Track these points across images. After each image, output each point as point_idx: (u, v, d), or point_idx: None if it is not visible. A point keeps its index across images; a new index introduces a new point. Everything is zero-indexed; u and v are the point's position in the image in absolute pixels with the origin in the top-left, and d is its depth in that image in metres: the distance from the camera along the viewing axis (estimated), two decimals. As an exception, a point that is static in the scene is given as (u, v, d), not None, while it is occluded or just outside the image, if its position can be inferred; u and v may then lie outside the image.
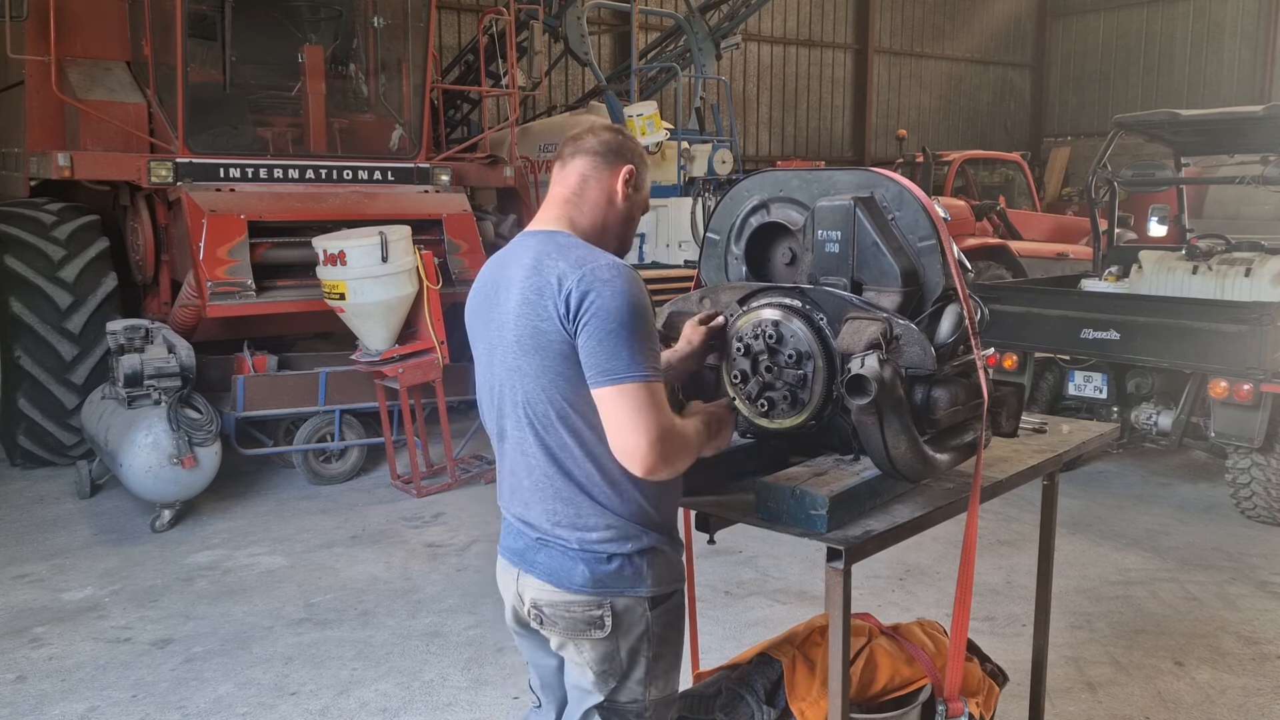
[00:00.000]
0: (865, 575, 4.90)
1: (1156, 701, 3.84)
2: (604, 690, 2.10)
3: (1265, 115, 6.32)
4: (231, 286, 6.35)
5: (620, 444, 1.94)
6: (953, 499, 2.39)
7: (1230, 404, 5.47)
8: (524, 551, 2.13)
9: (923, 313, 2.33)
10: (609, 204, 2.17)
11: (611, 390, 1.92)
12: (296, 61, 7.48)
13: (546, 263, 2.01)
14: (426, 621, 4.57)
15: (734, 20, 12.25)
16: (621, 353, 1.91)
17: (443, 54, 13.13)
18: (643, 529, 2.06)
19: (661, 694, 2.15)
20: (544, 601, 2.08)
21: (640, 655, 2.09)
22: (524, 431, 2.06)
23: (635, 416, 1.91)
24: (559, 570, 2.06)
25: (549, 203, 2.19)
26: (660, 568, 2.09)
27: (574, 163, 2.18)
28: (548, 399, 2.01)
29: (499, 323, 2.08)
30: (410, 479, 6.52)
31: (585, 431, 2.00)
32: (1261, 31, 20.65)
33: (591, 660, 2.08)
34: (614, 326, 1.91)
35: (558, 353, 1.97)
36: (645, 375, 1.92)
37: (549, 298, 1.96)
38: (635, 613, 2.06)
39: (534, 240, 2.11)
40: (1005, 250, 10.97)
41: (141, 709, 3.82)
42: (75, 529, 5.81)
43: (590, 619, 2.04)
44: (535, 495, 2.08)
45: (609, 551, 2.04)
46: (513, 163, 8.54)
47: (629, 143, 2.22)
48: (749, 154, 18.78)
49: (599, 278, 1.94)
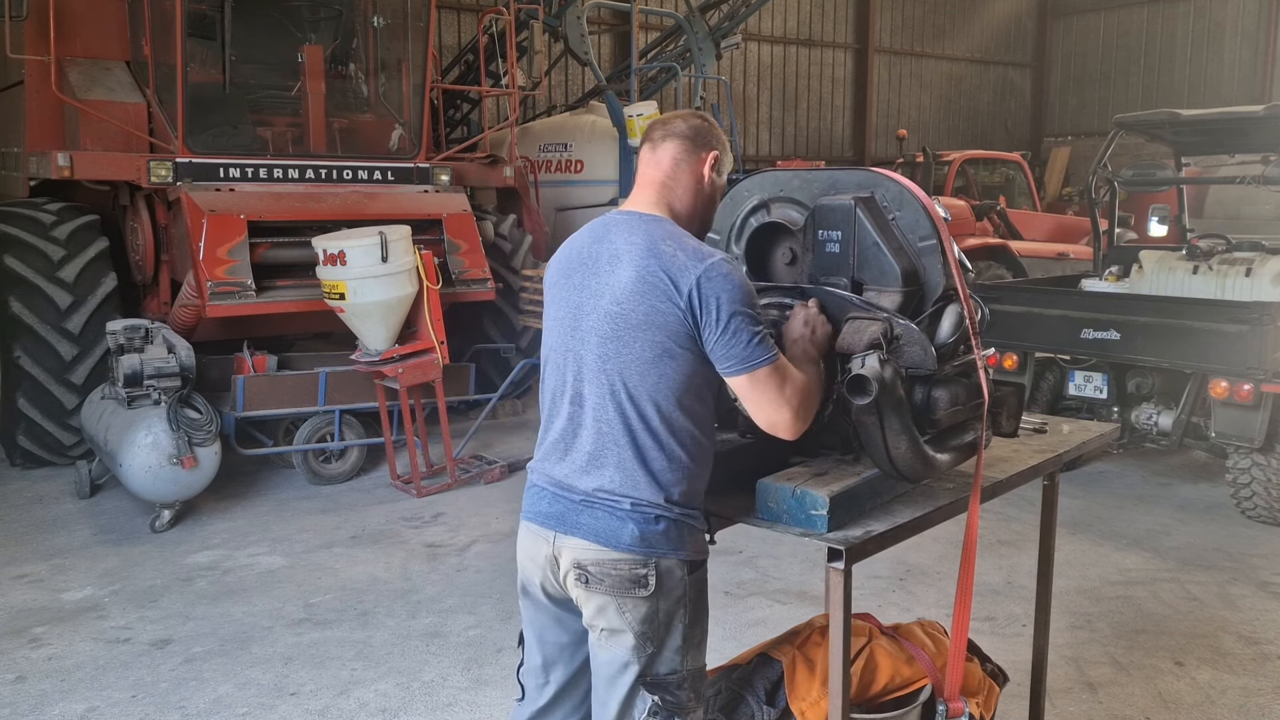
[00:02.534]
0: (865, 575, 4.90)
1: (1157, 701, 3.84)
2: (642, 656, 2.16)
3: (1266, 115, 6.32)
4: (231, 286, 6.35)
5: (767, 420, 2.14)
6: (953, 499, 2.38)
7: (1231, 404, 5.46)
8: (563, 515, 2.20)
9: (923, 313, 2.32)
10: (698, 187, 2.29)
11: (748, 378, 2.10)
12: (296, 61, 7.48)
13: (664, 248, 2.13)
14: (426, 621, 4.56)
15: (734, 20, 12.24)
16: (753, 341, 2.08)
17: (443, 54, 13.13)
18: (682, 506, 2.17)
19: (695, 664, 2.24)
20: (589, 560, 2.16)
21: (677, 621, 2.18)
22: (605, 399, 2.15)
23: (776, 395, 2.10)
24: (607, 530, 2.14)
25: (645, 184, 2.29)
26: (697, 537, 2.21)
27: (665, 146, 2.29)
28: (642, 374, 2.12)
29: (597, 291, 2.17)
30: (410, 479, 6.52)
31: (667, 407, 2.13)
32: (1262, 31, 20.64)
33: (633, 621, 2.15)
34: (739, 319, 2.08)
35: (671, 334, 2.10)
36: (771, 356, 2.10)
37: (670, 284, 2.09)
38: (675, 575, 2.16)
39: (642, 222, 2.21)
40: (1005, 250, 10.96)
41: (141, 709, 3.81)
42: (75, 529, 5.81)
43: (636, 577, 2.13)
44: (596, 460, 2.16)
45: (657, 514, 2.14)
46: (512, 162, 8.55)
47: (715, 129, 2.34)
48: (749, 154, 18.79)
49: (720, 272, 2.09)
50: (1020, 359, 6.38)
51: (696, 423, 2.16)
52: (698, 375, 2.13)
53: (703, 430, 2.18)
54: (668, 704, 2.17)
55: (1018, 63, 23.89)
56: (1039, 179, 17.73)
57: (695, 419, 2.16)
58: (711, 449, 2.24)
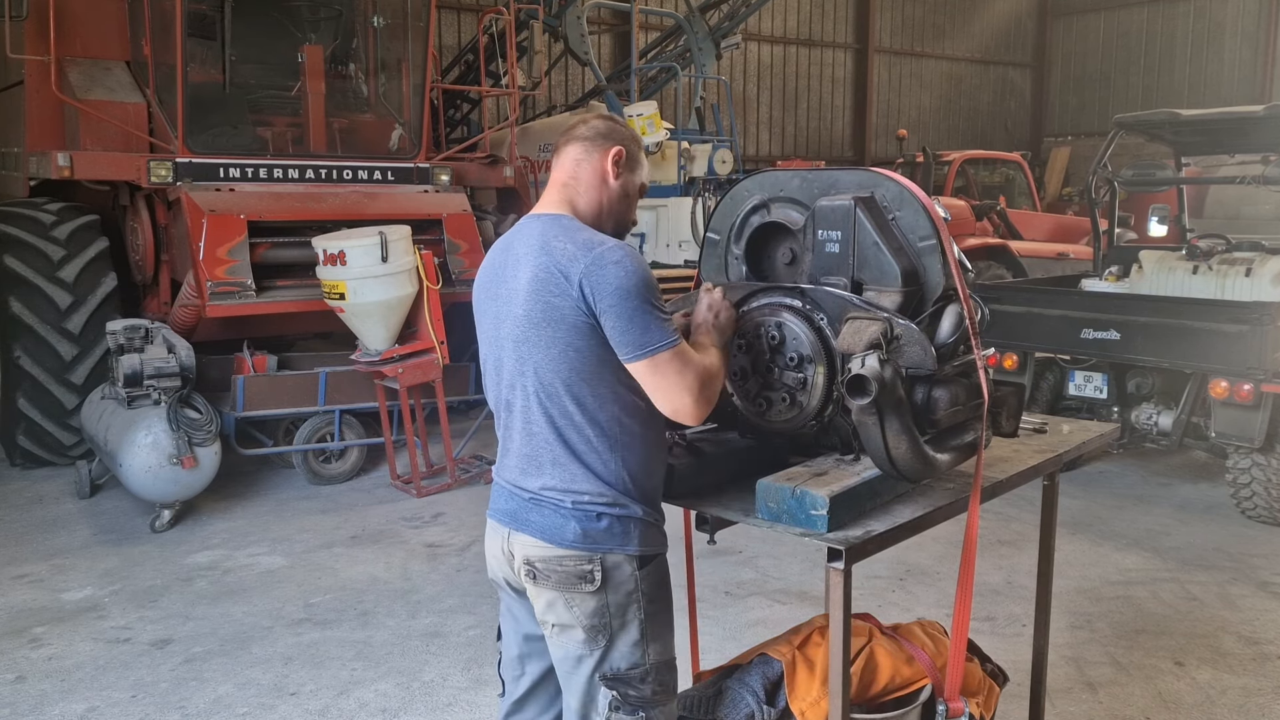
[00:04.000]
0: (865, 575, 4.90)
1: (1157, 701, 3.84)
2: (595, 649, 2.17)
3: (1266, 115, 6.32)
4: (231, 286, 6.35)
5: (669, 406, 2.12)
6: (953, 499, 2.38)
7: (1231, 404, 5.46)
8: (516, 512, 2.24)
9: (923, 313, 2.32)
10: (602, 184, 2.27)
11: (647, 363, 2.08)
12: (296, 61, 7.48)
13: (555, 244, 2.13)
14: (426, 621, 4.56)
15: (734, 20, 12.24)
16: (649, 327, 2.07)
17: (443, 54, 13.13)
18: (629, 498, 2.17)
19: (660, 657, 2.23)
20: (536, 557, 2.19)
21: (631, 615, 2.18)
22: (529, 400, 2.18)
23: (675, 379, 2.09)
24: (551, 527, 2.17)
25: (549, 189, 2.31)
26: (645, 531, 2.20)
27: (567, 150, 2.30)
28: (554, 370, 2.13)
29: (506, 299, 2.20)
30: (410, 479, 6.52)
31: (587, 400, 2.13)
32: (1262, 31, 20.65)
33: (581, 616, 2.16)
34: (635, 304, 2.06)
35: (571, 326, 2.09)
36: (671, 340, 2.09)
37: (562, 276, 2.08)
38: (624, 570, 2.17)
39: (538, 223, 2.22)
40: (1005, 250, 10.96)
41: (141, 709, 3.81)
42: (75, 529, 5.81)
43: (581, 573, 2.15)
44: (533, 461, 2.20)
45: (598, 511, 2.15)
46: (513, 162, 8.54)
47: (618, 127, 2.33)
48: (749, 154, 18.78)
49: (609, 258, 2.07)
50: (1020, 359, 6.38)
51: (625, 410, 2.15)
52: (611, 364, 2.11)
53: (634, 417, 2.16)
54: (629, 698, 2.18)
55: (1018, 63, 23.89)
56: (1039, 179, 17.73)
57: (623, 406, 2.15)
58: (653, 435, 2.22)
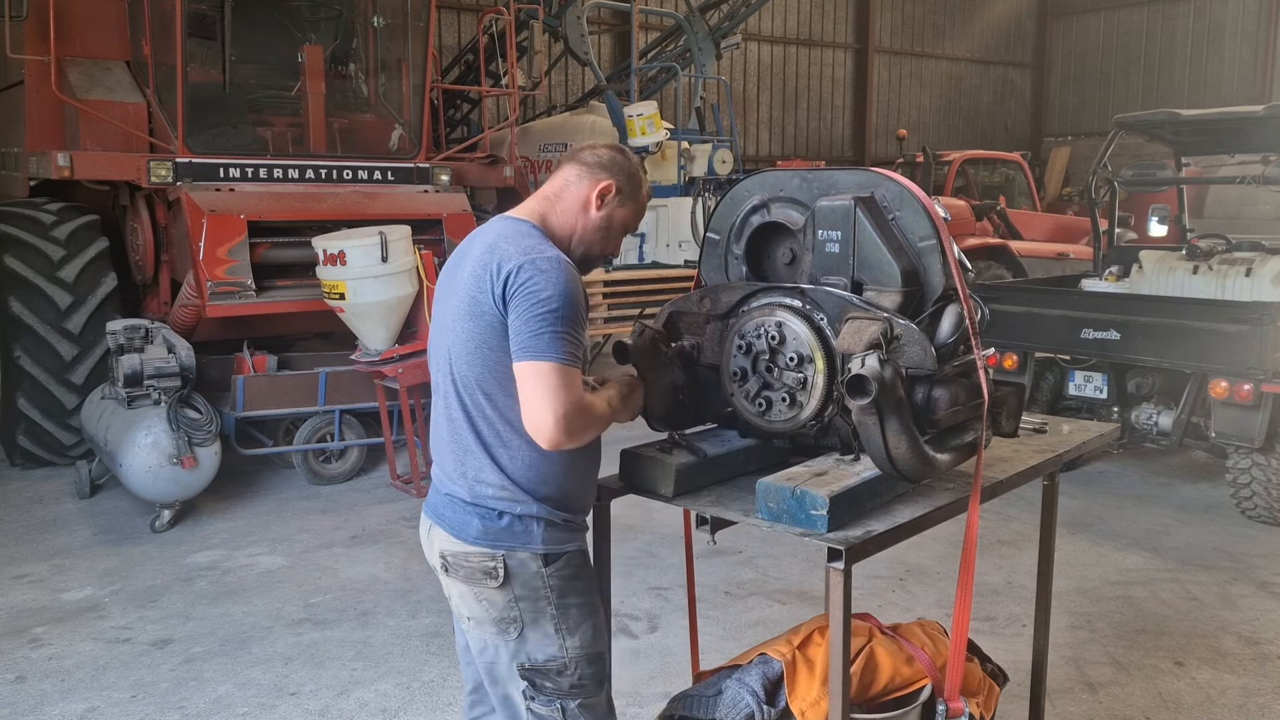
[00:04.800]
0: (865, 575, 4.90)
1: (1157, 701, 3.84)
2: (507, 641, 2.20)
3: (1266, 115, 6.32)
4: (231, 286, 6.35)
5: (530, 418, 2.09)
6: (953, 499, 2.38)
7: (1231, 404, 5.47)
8: (436, 505, 2.29)
9: (923, 313, 2.32)
10: (583, 210, 2.29)
11: (529, 366, 2.07)
12: (296, 61, 7.48)
13: (501, 244, 2.17)
14: (426, 621, 4.56)
15: (734, 20, 12.23)
16: (544, 334, 2.06)
17: (443, 54, 13.13)
18: (531, 498, 2.19)
19: (583, 649, 2.23)
20: (449, 552, 2.24)
21: (542, 609, 2.20)
22: (450, 388, 2.22)
23: (547, 394, 2.06)
24: (458, 522, 2.21)
25: (531, 197, 2.35)
26: (551, 530, 2.21)
27: (565, 168, 2.33)
28: (469, 362, 2.16)
29: (452, 289, 2.25)
30: (410, 479, 6.52)
31: (498, 397, 2.16)
32: (1262, 31, 20.65)
33: (490, 609, 2.20)
34: (542, 310, 2.06)
35: (488, 324, 2.12)
36: (562, 358, 2.06)
37: (491, 273, 2.12)
38: (530, 568, 2.18)
39: (501, 224, 2.27)
40: (1005, 250, 10.96)
41: (141, 709, 3.81)
42: (75, 529, 5.81)
43: (485, 569, 2.18)
44: (449, 447, 2.24)
45: (499, 509, 2.18)
46: (513, 162, 8.54)
47: (622, 161, 2.32)
48: (749, 154, 18.77)
49: (538, 266, 2.09)
50: (1020, 359, 6.38)
51: None
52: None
53: None
54: (545, 689, 2.20)
55: (1018, 63, 23.89)
56: (1039, 179, 17.73)
57: None
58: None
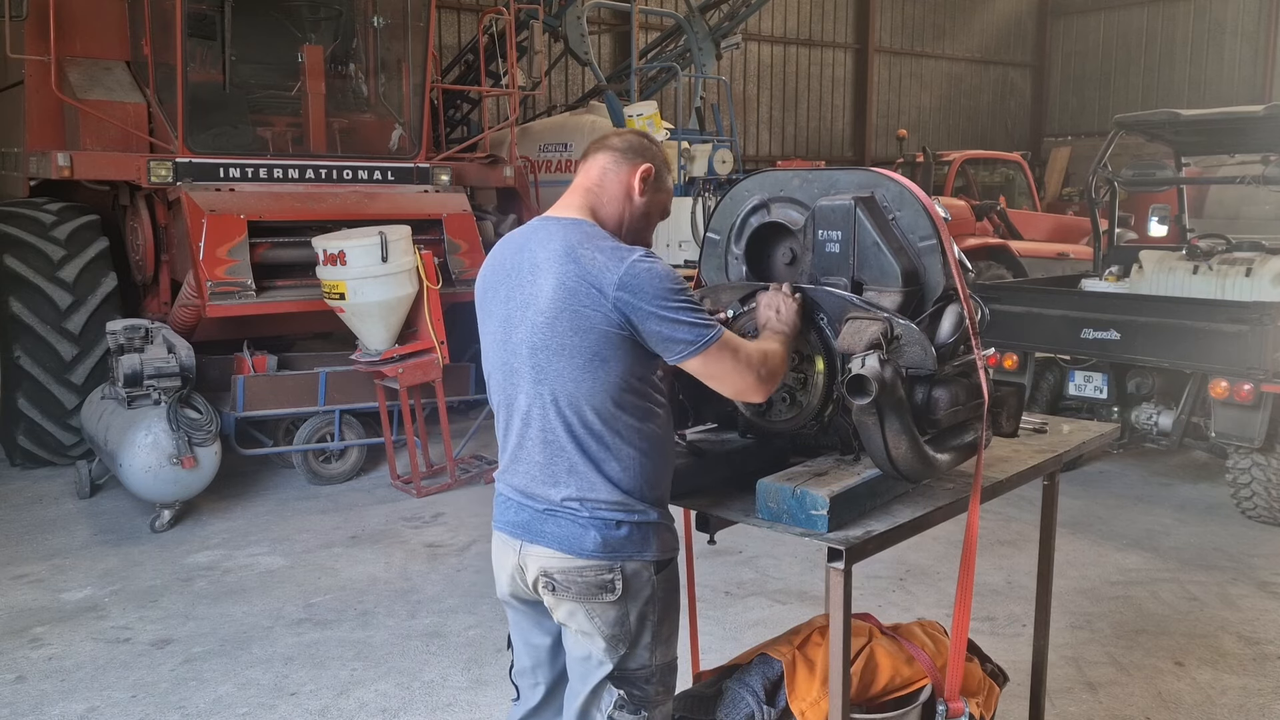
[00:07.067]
0: (865, 575, 4.90)
1: (1157, 701, 3.84)
2: (614, 657, 2.17)
3: (1266, 115, 6.31)
4: (231, 286, 6.35)
5: (733, 390, 2.18)
6: (953, 499, 2.38)
7: (1231, 404, 5.46)
8: (528, 523, 2.20)
9: (923, 313, 2.32)
10: (626, 198, 2.26)
11: (700, 359, 2.10)
12: (296, 61, 7.48)
13: (582, 252, 2.10)
14: (426, 621, 4.56)
15: (734, 20, 12.23)
16: (686, 321, 2.08)
17: (443, 54, 13.12)
18: (645, 504, 2.17)
19: (665, 659, 2.24)
20: (555, 569, 2.16)
21: (647, 620, 2.18)
22: (546, 408, 2.14)
23: (731, 365, 2.12)
24: (570, 537, 2.14)
25: (572, 192, 2.28)
26: (662, 535, 2.20)
27: (596, 157, 2.29)
28: (577, 380, 2.10)
29: (522, 303, 2.16)
30: (410, 479, 6.52)
31: (608, 410, 2.12)
32: (1262, 31, 20.63)
33: (602, 625, 2.16)
34: (671, 304, 2.07)
35: (600, 336, 2.08)
36: (716, 333, 2.10)
37: (594, 287, 2.07)
38: (642, 577, 2.16)
39: (559, 227, 2.18)
40: (1005, 250, 10.97)
41: (141, 709, 3.81)
42: (75, 529, 5.81)
43: (602, 583, 2.13)
44: (548, 469, 2.16)
45: (618, 518, 2.14)
46: (512, 162, 8.54)
47: (652, 145, 2.32)
48: (749, 154, 18.76)
49: (640, 269, 2.07)
50: (1020, 359, 6.38)
51: (640, 416, 2.14)
52: (634, 371, 2.12)
53: (648, 420, 2.16)
54: (634, 698, 2.18)
55: (1018, 63, 23.88)
56: (1039, 179, 17.71)
57: (638, 413, 2.14)
58: (665, 434, 2.22)
